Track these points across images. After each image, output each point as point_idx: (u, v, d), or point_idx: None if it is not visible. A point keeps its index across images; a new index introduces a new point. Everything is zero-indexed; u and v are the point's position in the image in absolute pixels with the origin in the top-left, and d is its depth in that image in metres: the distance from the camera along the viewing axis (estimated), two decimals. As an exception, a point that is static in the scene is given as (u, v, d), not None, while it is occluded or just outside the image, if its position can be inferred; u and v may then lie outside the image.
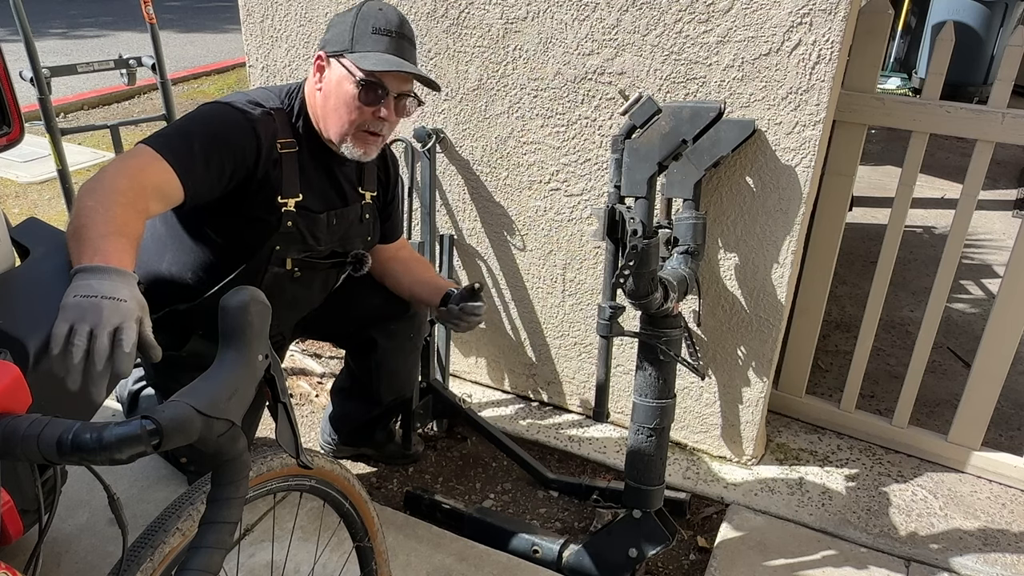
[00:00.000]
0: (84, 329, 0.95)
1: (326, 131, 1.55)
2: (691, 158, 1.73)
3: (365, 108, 1.50)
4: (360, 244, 1.74)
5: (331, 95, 1.52)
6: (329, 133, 1.55)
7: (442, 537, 1.80)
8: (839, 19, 1.62)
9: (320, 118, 1.56)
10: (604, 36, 1.86)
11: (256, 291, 0.77)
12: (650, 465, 1.74)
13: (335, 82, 1.51)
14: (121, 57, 2.88)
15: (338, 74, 1.50)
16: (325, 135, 1.56)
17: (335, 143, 1.56)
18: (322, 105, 1.54)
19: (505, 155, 2.10)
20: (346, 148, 1.55)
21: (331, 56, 1.51)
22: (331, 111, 1.52)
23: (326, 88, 1.53)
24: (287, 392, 0.87)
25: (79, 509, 1.79)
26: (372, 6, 1.51)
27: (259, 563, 1.66)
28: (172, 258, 1.59)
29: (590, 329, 2.20)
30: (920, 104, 1.87)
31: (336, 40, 1.51)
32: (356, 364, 1.99)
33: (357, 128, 1.53)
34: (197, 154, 1.38)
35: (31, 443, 0.67)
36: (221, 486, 0.78)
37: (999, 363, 2.00)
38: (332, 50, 1.51)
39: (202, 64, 7.30)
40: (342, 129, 1.53)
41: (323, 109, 1.54)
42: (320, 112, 1.55)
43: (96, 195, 1.18)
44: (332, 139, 1.55)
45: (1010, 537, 1.90)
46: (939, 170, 4.81)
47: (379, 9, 1.51)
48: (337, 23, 1.53)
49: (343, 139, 1.54)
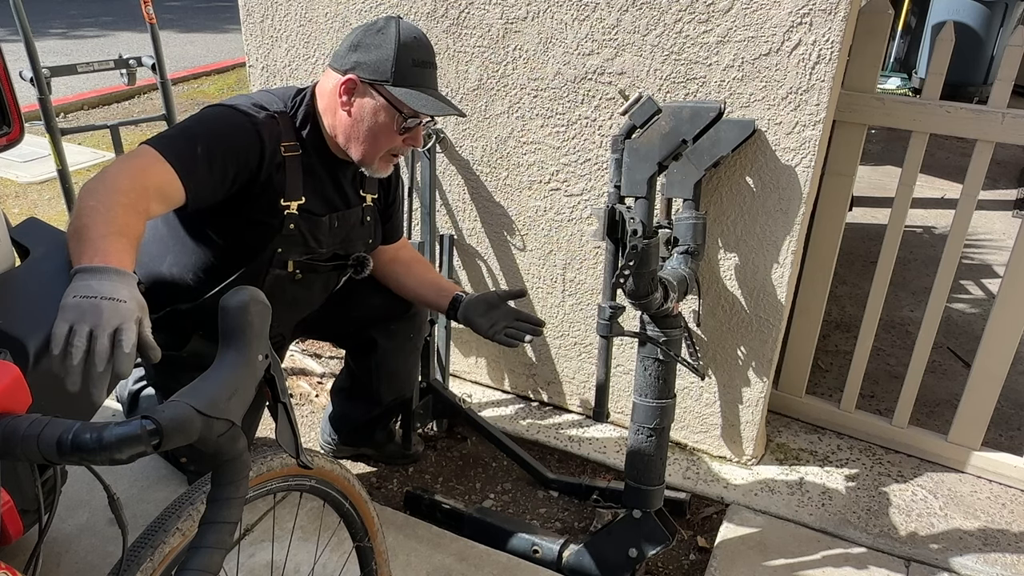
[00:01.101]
0: (84, 330, 0.95)
1: (350, 150, 1.56)
2: (691, 158, 1.73)
3: (399, 137, 1.53)
4: (361, 247, 1.74)
5: (364, 120, 1.51)
6: (353, 153, 1.56)
7: (442, 537, 1.80)
8: (839, 19, 1.62)
9: (343, 137, 1.55)
10: (604, 36, 1.86)
11: (256, 291, 0.77)
12: (650, 465, 1.74)
13: (371, 110, 1.50)
14: (121, 57, 2.88)
15: (376, 103, 1.49)
16: (347, 154, 1.57)
17: (358, 162, 1.58)
18: (350, 127, 1.53)
19: (505, 155, 2.10)
20: (372, 169, 1.58)
21: (369, 83, 1.49)
22: (362, 135, 1.53)
23: (357, 112, 1.51)
24: (287, 392, 0.87)
25: (79, 509, 1.79)
26: (409, 33, 1.48)
27: (259, 563, 1.66)
28: (173, 259, 1.60)
29: (590, 329, 2.20)
30: (920, 104, 1.87)
31: (375, 68, 1.47)
32: (356, 364, 1.99)
33: (387, 153, 1.56)
34: (200, 156, 1.38)
35: (31, 443, 0.67)
36: (221, 486, 0.78)
37: (999, 363, 2.00)
38: (370, 78, 1.48)
39: (202, 64, 7.30)
40: (372, 153, 1.55)
41: (350, 130, 1.53)
42: (344, 132, 1.54)
43: (97, 195, 1.18)
44: (355, 159, 1.57)
45: (1010, 537, 1.90)
46: (939, 170, 4.81)
47: (414, 37, 1.49)
48: (371, 46, 1.47)
49: (371, 161, 1.56)
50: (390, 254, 1.86)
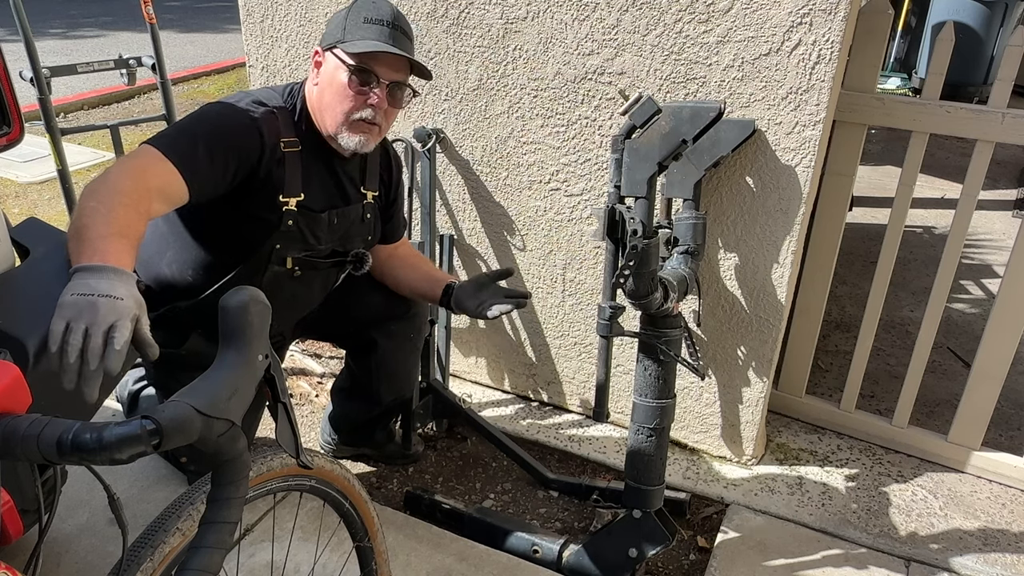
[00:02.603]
0: (80, 327, 0.94)
1: (323, 126, 1.56)
2: (691, 158, 1.73)
3: (357, 96, 1.50)
4: (360, 243, 1.74)
5: (326, 88, 1.53)
6: (326, 126, 1.55)
7: (442, 537, 1.80)
8: (839, 19, 1.62)
9: (317, 112, 1.56)
10: (604, 36, 1.86)
11: (256, 291, 0.77)
12: (650, 465, 1.74)
13: (329, 74, 1.52)
14: (121, 57, 2.88)
15: (332, 65, 1.52)
16: (324, 131, 1.57)
17: (333, 136, 1.55)
18: (319, 99, 1.55)
19: (505, 155, 2.10)
20: (343, 139, 1.54)
21: (326, 50, 1.54)
22: (326, 104, 1.53)
23: (322, 82, 1.54)
24: (287, 392, 0.87)
25: (79, 509, 1.79)
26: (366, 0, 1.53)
27: (259, 563, 1.66)
28: (173, 256, 1.60)
29: (590, 329, 2.20)
30: (920, 104, 1.87)
31: (330, 34, 1.54)
32: (356, 364, 1.99)
33: (350, 118, 1.52)
34: (201, 154, 1.38)
35: (31, 443, 0.67)
36: (221, 486, 0.78)
37: (999, 363, 2.00)
38: (326, 44, 1.53)
39: (202, 64, 7.30)
40: (336, 120, 1.52)
41: (319, 103, 1.55)
42: (317, 106, 1.55)
43: (98, 196, 1.18)
44: (329, 132, 1.55)
45: (1010, 537, 1.90)
46: (939, 170, 4.81)
47: (372, 2, 1.53)
48: (333, 19, 1.56)
49: (339, 130, 1.53)
50: (388, 251, 1.87)
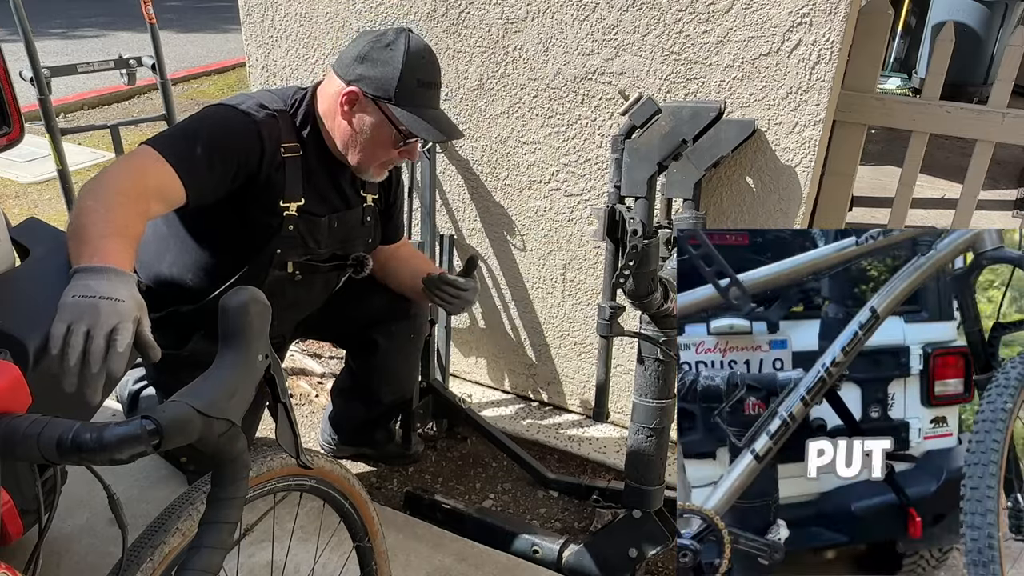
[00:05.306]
0: (81, 329, 0.94)
1: (347, 156, 1.58)
2: (691, 158, 1.73)
3: (400, 153, 1.56)
4: (361, 247, 1.74)
5: (364, 132, 1.53)
6: (350, 159, 1.58)
7: (442, 537, 1.80)
8: (839, 19, 1.62)
9: (341, 143, 1.56)
10: (604, 36, 1.85)
11: (256, 291, 0.77)
12: (650, 465, 1.74)
13: (371, 124, 1.51)
14: (121, 57, 2.88)
15: (377, 118, 1.50)
16: (343, 158, 1.59)
17: (357, 168, 1.60)
18: (348, 135, 1.54)
19: (505, 155, 2.10)
20: (368, 175, 1.62)
21: (371, 99, 1.49)
22: (360, 145, 1.54)
23: (357, 124, 1.52)
24: (287, 392, 0.87)
25: (79, 509, 1.79)
26: (417, 53, 1.48)
27: (259, 563, 1.66)
28: (173, 258, 1.60)
29: (590, 329, 2.20)
30: (920, 104, 1.87)
31: (379, 84, 1.47)
32: (356, 364, 1.99)
33: (385, 164, 1.59)
34: (200, 156, 1.38)
35: (31, 443, 0.67)
36: (221, 486, 0.78)
37: (999, 363, 2.00)
38: (373, 93, 1.48)
39: (202, 64, 7.29)
40: (368, 161, 1.57)
41: (348, 139, 1.55)
42: (343, 139, 1.55)
43: (97, 195, 1.18)
44: (353, 164, 1.59)
45: (1010, 537, 1.90)
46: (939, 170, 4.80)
47: (422, 58, 1.49)
48: (378, 61, 1.47)
49: (367, 168, 1.59)
50: (388, 252, 1.87)
